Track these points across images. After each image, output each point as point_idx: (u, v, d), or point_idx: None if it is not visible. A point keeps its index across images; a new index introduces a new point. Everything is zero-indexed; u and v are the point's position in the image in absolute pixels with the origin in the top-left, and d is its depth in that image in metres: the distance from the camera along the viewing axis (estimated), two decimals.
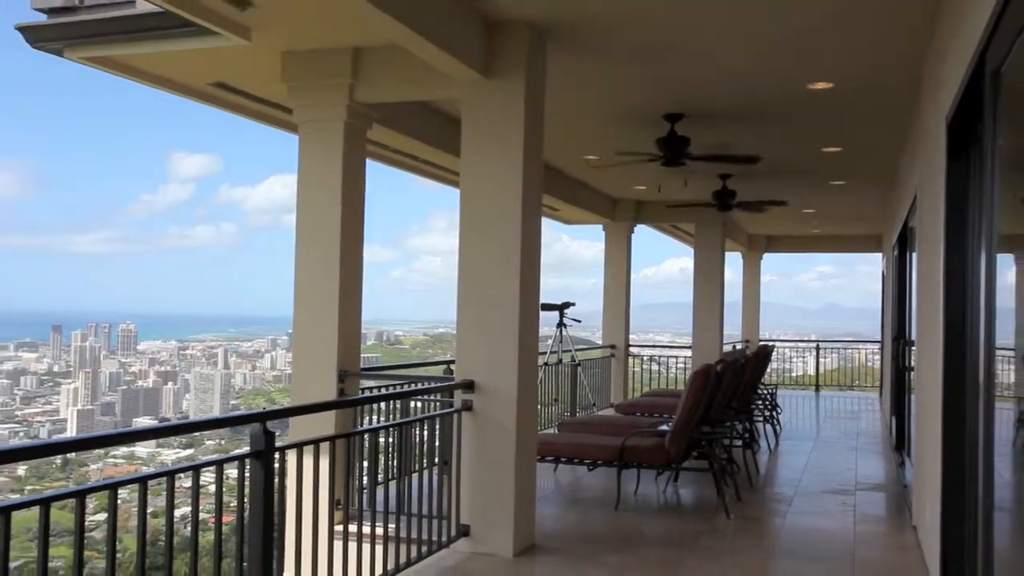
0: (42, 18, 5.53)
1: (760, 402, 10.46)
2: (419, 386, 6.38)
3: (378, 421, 5.98)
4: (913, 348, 7.12)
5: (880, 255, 15.60)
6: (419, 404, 5.88)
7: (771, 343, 15.02)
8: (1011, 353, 3.00)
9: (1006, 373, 3.12)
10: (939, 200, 4.58)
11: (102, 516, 3.10)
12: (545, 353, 10.82)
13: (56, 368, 36.62)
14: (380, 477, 5.77)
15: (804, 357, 20.05)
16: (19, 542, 2.72)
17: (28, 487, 17.42)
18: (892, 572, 5.31)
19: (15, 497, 2.33)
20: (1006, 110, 3.00)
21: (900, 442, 9.30)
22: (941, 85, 4.63)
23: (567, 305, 11.86)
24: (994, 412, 3.27)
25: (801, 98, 6.99)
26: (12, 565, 2.73)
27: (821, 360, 19.41)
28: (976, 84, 3.40)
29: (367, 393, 6.14)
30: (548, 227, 8.00)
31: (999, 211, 3.08)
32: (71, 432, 29.06)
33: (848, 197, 12.45)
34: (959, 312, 4.11)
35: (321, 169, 6.01)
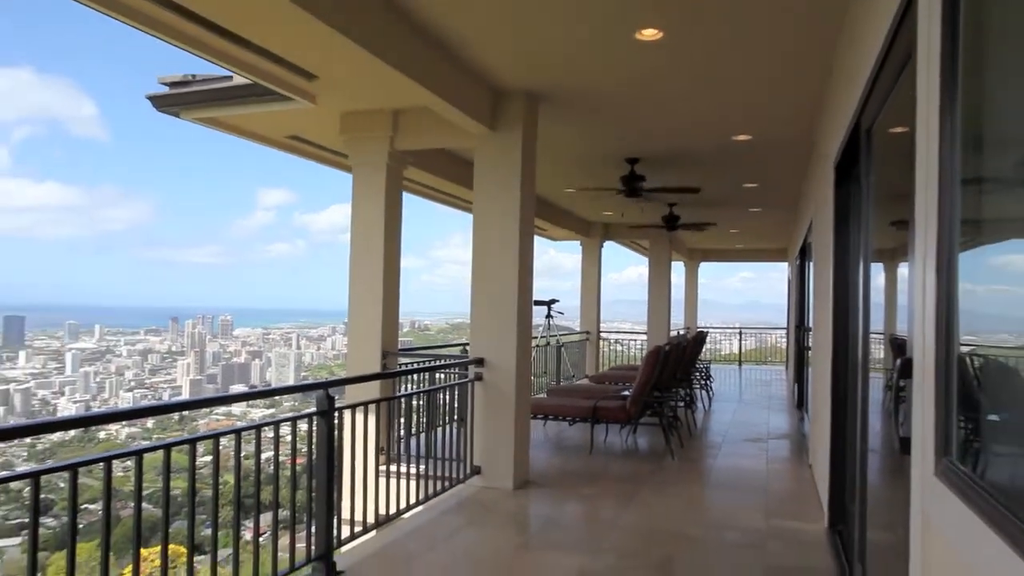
0: (164, 89, 5.57)
1: (697, 374, 10.44)
2: (442, 362, 6.39)
3: (411, 389, 5.99)
4: (810, 333, 7.15)
5: (786, 264, 15.59)
6: (442, 376, 5.89)
7: (705, 330, 15.00)
8: (880, 336, 3.03)
9: (877, 352, 3.16)
10: (828, 223, 4.60)
11: (208, 458, 3.12)
12: (537, 337, 10.82)
13: (174, 348, 36.55)
14: (413, 430, 5.79)
15: (730, 340, 19.99)
16: (148, 477, 2.75)
17: (155, 436, 17.45)
18: (794, 497, 5.34)
19: (145, 443, 2.34)
20: (874, 158, 3.05)
21: (800, 402, 9.33)
22: (830, 138, 4.65)
23: (553, 301, 11.86)
24: (868, 380, 3.30)
25: (727, 146, 6.99)
26: (144, 492, 2.75)
27: (743, 342, 19.34)
28: (854, 138, 3.43)
29: (403, 367, 6.16)
30: (538, 242, 8.00)
31: (872, 232, 3.12)
32: (184, 396, 29.11)
33: (762, 220, 12.44)
34: (843, 306, 4.13)
35: (369, 199, 6.00)
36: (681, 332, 15.18)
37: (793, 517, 4.83)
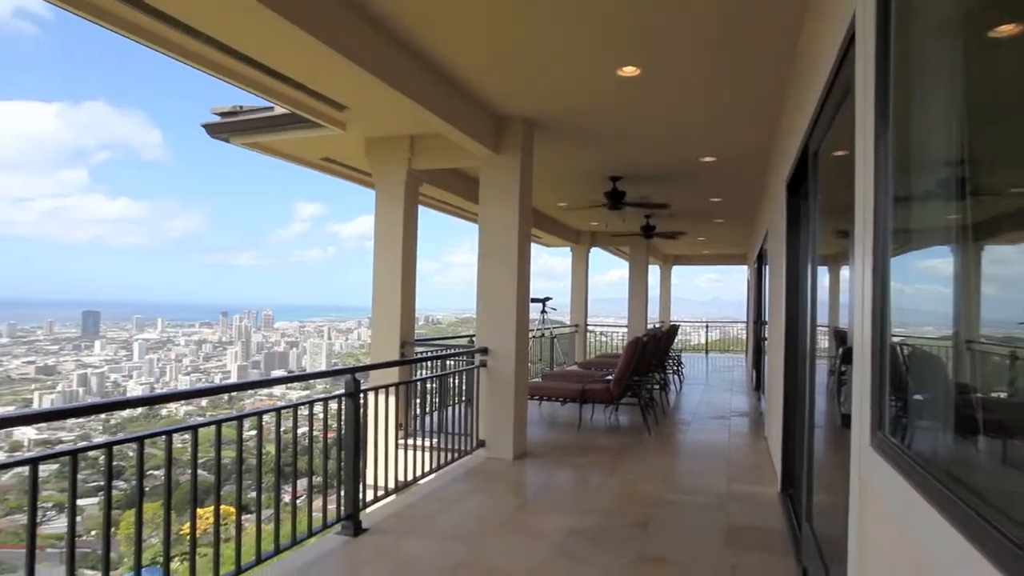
0: (216, 119, 5.57)
1: (670, 361, 10.42)
2: (452, 351, 6.39)
3: (425, 374, 5.99)
4: (766, 326, 7.14)
5: (745, 267, 15.57)
6: (452, 362, 5.89)
7: (677, 323, 14.99)
8: (825, 328, 3.03)
9: (822, 342, 3.16)
10: (781, 232, 4.60)
11: (253, 432, 3.12)
12: (533, 330, 10.82)
13: (223, 339, 36.49)
14: (427, 409, 5.79)
15: (698, 332, 19.95)
16: (203, 448, 2.74)
17: (208, 413, 17.44)
18: (752, 466, 5.34)
19: (200, 419, 2.33)
20: (820, 177, 3.04)
21: (758, 385, 9.31)
22: (783, 160, 4.64)
23: (547, 299, 11.84)
24: (815, 366, 3.30)
25: (696, 166, 6.98)
26: (199, 461, 2.76)
27: (709, 334, 19.32)
28: (803, 160, 3.42)
29: (419, 355, 6.15)
30: (534, 248, 7.98)
31: (817, 240, 3.12)
32: (233, 379, 29.10)
33: (725, 229, 12.42)
34: (794, 303, 4.13)
35: (390, 212, 6.00)
36: (656, 325, 15.19)
37: (751, 483, 4.83)
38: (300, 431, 3.36)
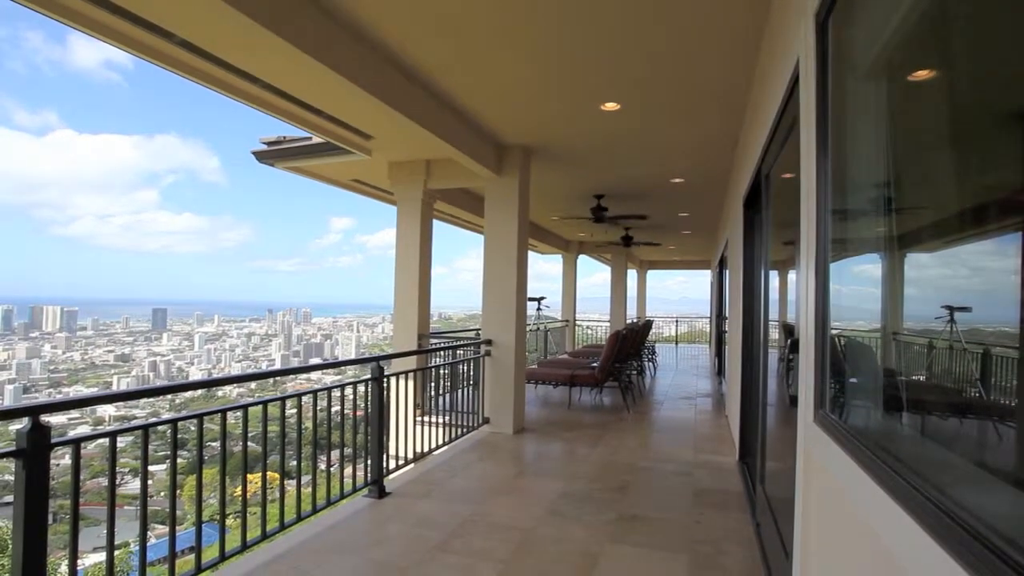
0: (264, 147, 5.58)
1: (646, 350, 10.43)
2: (461, 342, 6.39)
3: (439, 361, 5.99)
4: (726, 321, 7.14)
5: (709, 271, 15.57)
6: (461, 352, 5.89)
7: (652, 319, 14.99)
8: (776, 322, 3.03)
9: (773, 333, 3.16)
10: (739, 242, 4.60)
11: (294, 411, 3.12)
12: (530, 324, 10.82)
13: (269, 332, 36.52)
14: (440, 391, 5.79)
15: (670, 326, 19.94)
16: (252, 423, 2.74)
17: (256, 395, 17.44)
18: (715, 439, 5.33)
19: (249, 400, 2.34)
20: (771, 196, 3.04)
21: (719, 371, 9.30)
22: (740, 180, 4.64)
23: (542, 298, 11.82)
24: (768, 354, 3.30)
25: (666, 187, 6.98)
26: (249, 434, 2.76)
27: (679, 328, 19.32)
28: (757, 181, 3.42)
29: (433, 346, 6.16)
30: (531, 255, 7.98)
31: (769, 248, 3.11)
32: (277, 366, 29.11)
33: (693, 240, 12.41)
34: (750, 301, 4.12)
35: (409, 225, 5.99)
36: (634, 320, 15.17)
37: (714, 453, 4.83)
38: (333, 410, 3.36)
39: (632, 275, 18.40)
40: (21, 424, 1.81)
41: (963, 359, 0.88)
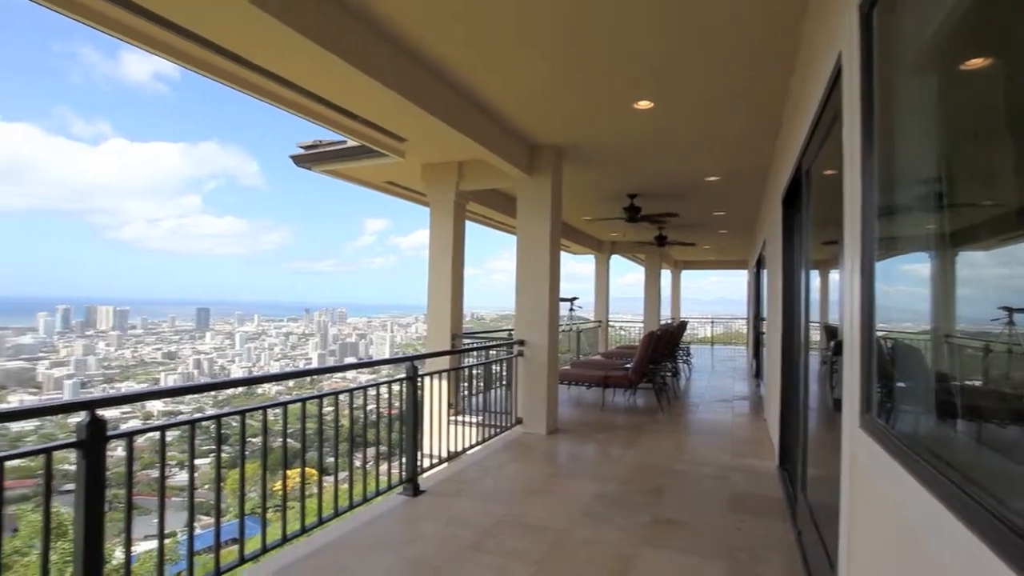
0: (301, 151, 5.72)
1: (681, 352, 10.25)
2: (494, 342, 6.41)
3: (472, 361, 6.03)
4: (764, 322, 6.95)
5: (746, 271, 15.20)
6: (494, 352, 5.91)
7: (686, 319, 14.74)
8: (816, 324, 2.94)
9: (814, 335, 3.06)
10: (778, 241, 4.48)
11: (330, 408, 3.19)
12: (562, 325, 10.78)
13: (306, 331, 37.41)
14: (473, 391, 5.83)
15: (704, 327, 19.56)
16: (290, 420, 2.82)
17: (294, 392, 17.93)
18: (752, 443, 5.19)
19: (288, 397, 2.40)
20: (812, 193, 2.95)
21: (757, 373, 9.06)
22: (778, 178, 4.52)
23: (575, 299, 11.75)
24: (808, 356, 3.20)
25: (702, 185, 6.85)
26: (288, 431, 2.84)
27: (714, 329, 18.94)
28: (796, 178, 3.33)
29: (466, 346, 6.20)
30: (563, 256, 7.91)
31: (808, 248, 3.02)
32: (314, 364, 29.82)
33: (728, 239, 12.15)
34: (789, 302, 4.02)
35: (442, 226, 6.04)
36: (668, 321, 14.94)
37: (752, 456, 4.70)
38: (368, 408, 3.42)
39: (666, 275, 18.13)
40: (80, 417, 1.92)
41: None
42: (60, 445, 1.89)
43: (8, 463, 1.76)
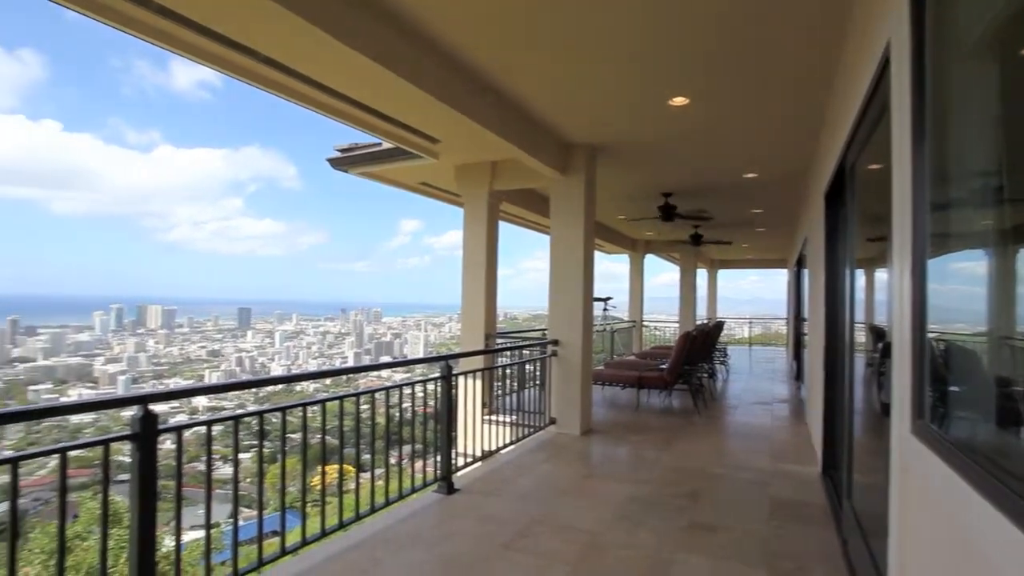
0: (337, 154, 5.85)
1: (717, 353, 10.03)
2: (528, 342, 6.41)
3: (505, 361, 6.04)
4: (805, 323, 6.73)
5: (785, 270, 14.73)
6: (528, 352, 5.91)
7: (723, 319, 14.40)
8: (862, 325, 2.83)
9: (859, 336, 2.94)
10: (820, 239, 4.33)
11: (367, 406, 3.25)
12: (596, 324, 10.71)
13: (343, 330, 38.17)
14: (507, 391, 5.84)
15: (742, 327, 19.07)
16: (328, 418, 2.91)
17: (332, 390, 18.36)
18: (794, 448, 5.04)
19: (325, 395, 2.46)
20: (855, 189, 2.84)
21: (798, 375, 8.78)
22: (821, 174, 4.37)
23: (608, 298, 11.69)
24: (854, 358, 3.09)
25: (740, 182, 6.69)
26: (327, 428, 2.91)
27: (752, 329, 18.46)
28: (840, 173, 3.22)
29: (500, 345, 6.21)
30: (597, 255, 7.84)
31: (854, 245, 2.91)
32: (350, 363, 30.40)
33: (767, 237, 11.82)
34: (832, 302, 3.88)
35: (475, 227, 6.06)
36: (704, 321, 14.62)
37: (793, 462, 4.56)
38: (403, 406, 3.47)
39: (702, 274, 17.75)
40: (133, 411, 2.02)
41: None
42: (117, 437, 1.99)
43: (68, 453, 1.87)
